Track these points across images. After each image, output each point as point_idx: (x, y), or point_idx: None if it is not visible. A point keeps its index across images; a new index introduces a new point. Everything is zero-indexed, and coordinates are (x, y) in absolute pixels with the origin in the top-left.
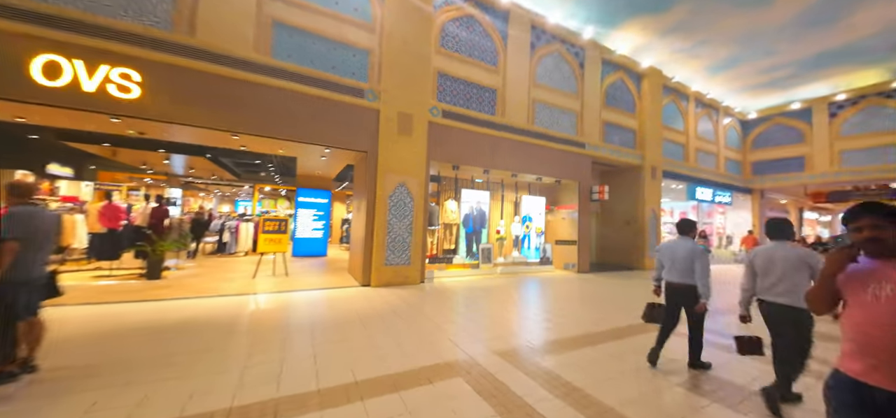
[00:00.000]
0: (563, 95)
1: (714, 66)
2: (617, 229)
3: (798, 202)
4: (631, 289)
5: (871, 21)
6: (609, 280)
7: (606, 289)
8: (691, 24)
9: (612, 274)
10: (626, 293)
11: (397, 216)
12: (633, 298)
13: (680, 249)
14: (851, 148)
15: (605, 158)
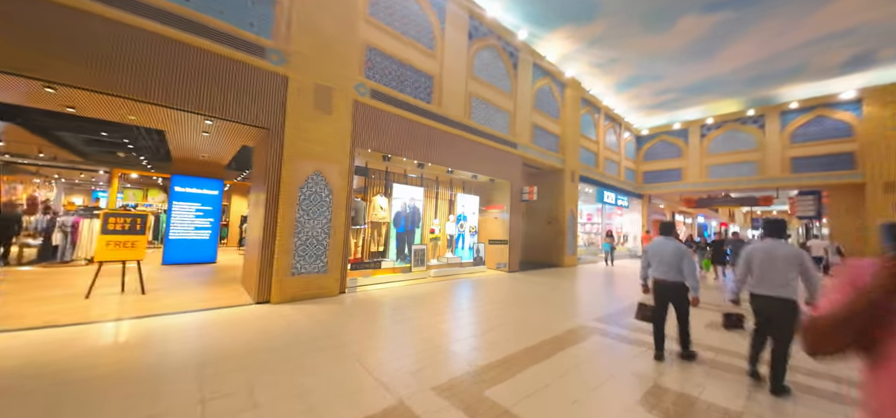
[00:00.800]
0: (498, 93)
1: (621, 84)
2: (540, 228)
3: (673, 206)
4: (559, 287)
5: (735, 57)
6: (538, 278)
7: (538, 289)
8: (607, 39)
9: (539, 272)
10: (556, 292)
11: (310, 213)
12: (565, 297)
13: (667, 249)
14: (716, 163)
15: (533, 160)
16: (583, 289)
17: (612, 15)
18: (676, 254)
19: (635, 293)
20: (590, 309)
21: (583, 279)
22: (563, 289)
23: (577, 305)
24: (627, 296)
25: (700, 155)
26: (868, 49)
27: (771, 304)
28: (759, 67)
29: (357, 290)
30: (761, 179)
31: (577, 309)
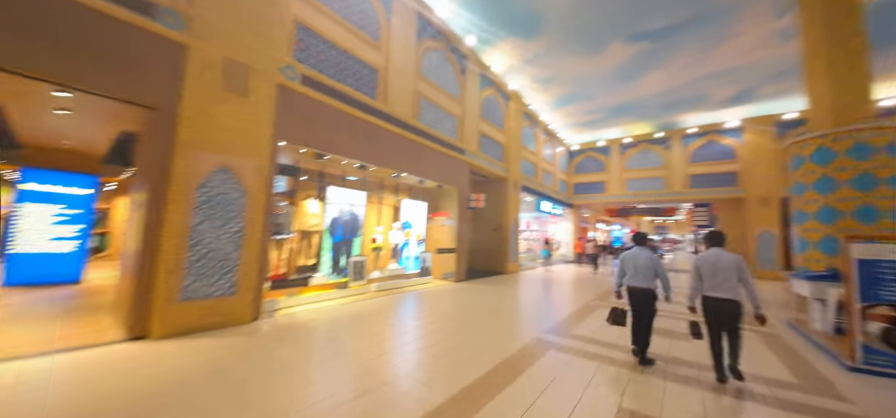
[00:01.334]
0: (447, 97)
1: (557, 101)
2: (485, 236)
3: (597, 216)
4: (507, 296)
5: (651, 84)
6: (485, 287)
7: (487, 300)
8: (547, 58)
9: (485, 280)
10: (504, 302)
11: (214, 218)
12: (513, 308)
13: (641, 258)
14: (633, 177)
15: (480, 168)
16: (528, 297)
17: (552, 33)
18: (650, 263)
19: (576, 298)
20: (539, 319)
21: (526, 286)
22: (510, 299)
23: (527, 316)
24: (570, 303)
25: (620, 170)
26: (750, 86)
27: (722, 305)
28: (669, 95)
29: (277, 314)
30: (667, 193)
31: (527, 320)
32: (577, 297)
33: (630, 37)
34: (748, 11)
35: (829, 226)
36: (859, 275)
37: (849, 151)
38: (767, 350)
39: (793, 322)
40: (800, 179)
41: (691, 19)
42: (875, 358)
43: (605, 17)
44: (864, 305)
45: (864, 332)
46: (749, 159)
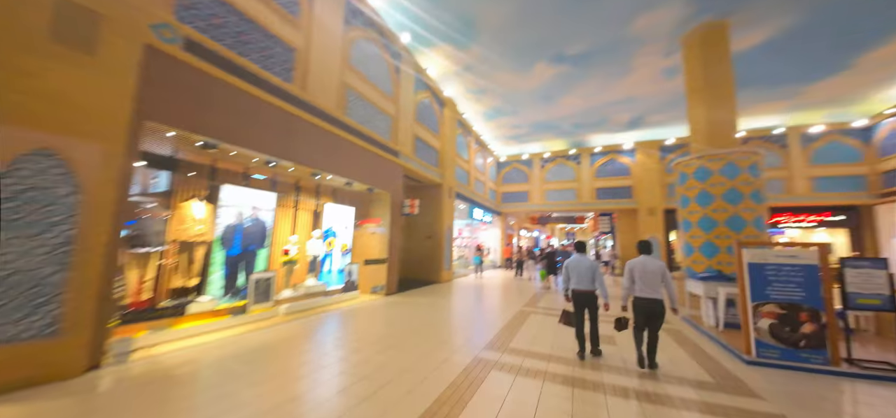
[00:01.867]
0: (379, 94)
1: (488, 113)
2: (419, 244)
3: (521, 224)
4: (442, 308)
5: (568, 105)
6: (418, 299)
7: (421, 315)
8: (479, 69)
9: (418, 291)
10: (440, 316)
11: (21, 226)
12: (450, 322)
13: (583, 264)
14: (551, 189)
15: (415, 172)
16: (463, 308)
17: (485, 45)
18: (590, 269)
19: (508, 306)
20: (477, 334)
21: (461, 295)
22: (445, 311)
23: (464, 331)
24: (504, 311)
25: (541, 181)
26: (641, 114)
27: (649, 304)
28: (581, 117)
29: (131, 358)
30: (578, 203)
31: (465, 337)
32: (510, 305)
33: (553, 58)
34: (644, 49)
35: (708, 234)
36: (750, 277)
37: (721, 170)
38: (676, 346)
39: (689, 317)
40: (685, 193)
41: (602, 49)
42: (766, 351)
43: (533, 37)
44: (755, 304)
45: (756, 328)
46: (640, 176)
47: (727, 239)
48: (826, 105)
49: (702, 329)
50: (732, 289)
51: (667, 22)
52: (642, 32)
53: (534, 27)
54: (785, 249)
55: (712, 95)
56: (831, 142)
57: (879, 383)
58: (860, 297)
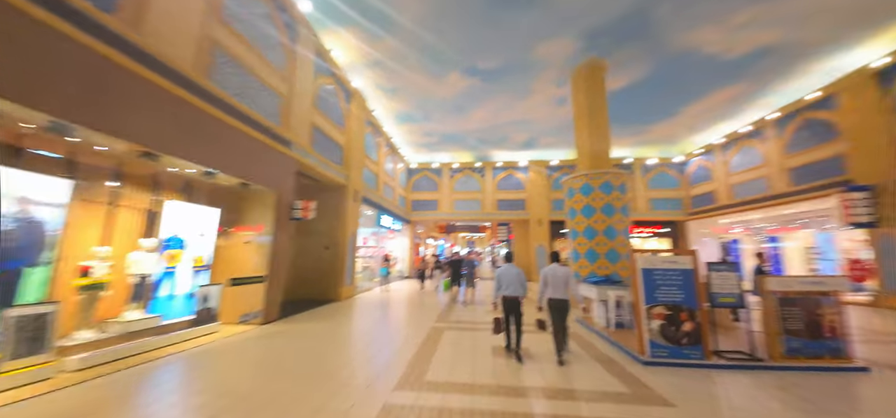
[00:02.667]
0: (265, 64)
1: (400, 116)
2: (313, 255)
3: (429, 232)
4: (340, 337)
5: (476, 120)
6: (309, 326)
7: (311, 349)
8: (394, 65)
9: (311, 314)
10: (337, 349)
11: None
12: (349, 357)
13: (512, 272)
14: (459, 199)
15: (312, 169)
16: (368, 331)
17: (401, 40)
18: (518, 277)
19: (419, 325)
20: (385, 367)
21: (365, 315)
22: (344, 339)
23: (369, 365)
24: (414, 333)
25: (449, 191)
26: (534, 136)
27: (559, 304)
28: (486, 133)
29: None
30: (482, 213)
31: (369, 373)
32: (420, 323)
33: (468, 70)
34: (542, 75)
35: (590, 241)
36: (643, 281)
37: (600, 187)
38: (581, 351)
39: (582, 319)
40: (573, 206)
41: (510, 68)
42: (657, 350)
43: (450, 43)
44: (648, 306)
45: (649, 329)
46: (531, 190)
47: (605, 246)
48: (658, 143)
49: (595, 329)
50: (621, 292)
51: (561, 54)
52: (542, 58)
53: (451, 33)
54: (668, 256)
55: (593, 123)
56: (661, 172)
57: (741, 372)
58: (721, 296)
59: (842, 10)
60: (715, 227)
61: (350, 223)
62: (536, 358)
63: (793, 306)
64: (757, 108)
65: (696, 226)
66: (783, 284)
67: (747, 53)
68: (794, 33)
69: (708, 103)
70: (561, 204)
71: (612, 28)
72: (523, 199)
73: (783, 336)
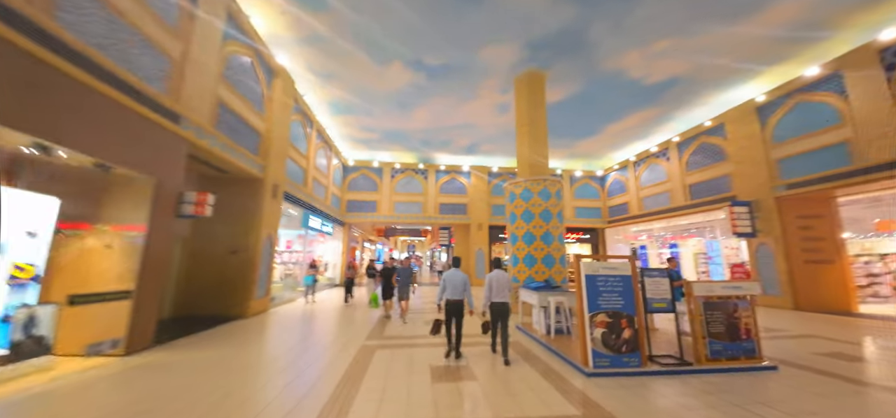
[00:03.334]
0: (147, 13)
1: (336, 105)
2: (215, 262)
3: (366, 235)
4: (235, 374)
5: (418, 119)
6: (195, 358)
7: (188, 396)
8: (330, 45)
9: (203, 338)
10: (225, 387)
11: None
12: (243, 392)
13: (456, 277)
14: (400, 201)
15: (215, 155)
16: (278, 360)
17: (340, 17)
18: (462, 281)
19: (345, 346)
20: (294, 412)
21: (278, 336)
22: (243, 373)
23: (270, 412)
24: (339, 356)
25: (390, 192)
26: (477, 141)
27: (502, 306)
28: (430, 134)
29: None
30: (424, 217)
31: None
32: (347, 341)
33: (412, 62)
34: (487, 81)
35: (529, 246)
36: (587, 288)
37: (539, 192)
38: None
39: (522, 326)
40: (513, 210)
41: (456, 67)
42: (600, 360)
43: (394, 29)
44: (591, 314)
45: (592, 338)
46: (473, 195)
47: (542, 251)
48: (584, 157)
49: (535, 337)
50: (560, 298)
51: (505, 60)
52: (488, 62)
53: (396, 19)
54: (609, 262)
55: (533, 131)
56: (585, 183)
57: (674, 377)
58: (655, 302)
59: (739, 49)
60: (627, 234)
61: (266, 223)
62: (479, 376)
63: (715, 310)
64: (664, 132)
65: (611, 233)
66: (707, 289)
67: (661, 81)
68: (700, 66)
69: (626, 124)
70: (500, 209)
71: (552, 41)
72: (465, 204)
73: (707, 339)
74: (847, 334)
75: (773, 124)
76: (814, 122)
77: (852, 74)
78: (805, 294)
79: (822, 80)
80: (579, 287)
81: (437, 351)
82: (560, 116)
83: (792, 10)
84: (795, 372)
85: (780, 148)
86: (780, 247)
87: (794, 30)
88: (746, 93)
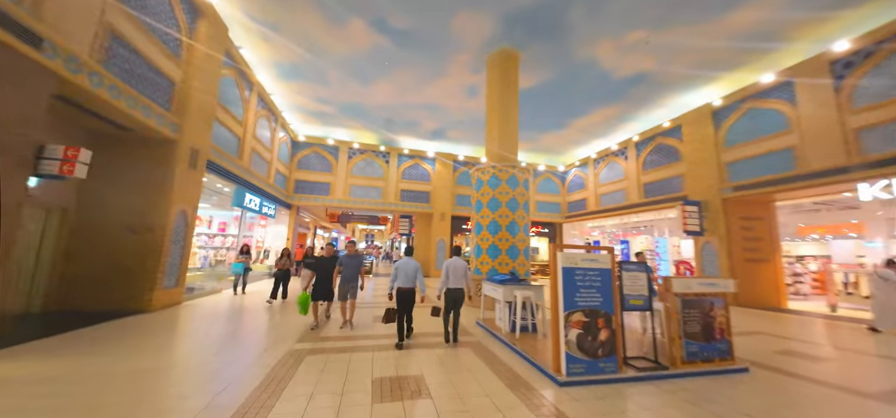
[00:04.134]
0: None
1: (283, 68)
2: (107, 241)
3: (318, 221)
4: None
5: (380, 93)
6: (46, 371)
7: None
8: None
9: (70, 341)
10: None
11: None
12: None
13: (409, 265)
14: (357, 184)
15: (103, 101)
16: (174, 370)
17: None
18: (415, 270)
19: (273, 348)
20: None
21: (177, 341)
22: (118, 391)
23: None
24: (258, 363)
25: (346, 174)
26: (444, 126)
27: (456, 293)
28: (394, 112)
29: None
30: (383, 203)
31: None
32: (270, 347)
33: (375, 22)
34: (458, 57)
35: (494, 237)
36: (564, 283)
37: (508, 180)
38: (482, 362)
39: (483, 322)
40: (479, 198)
41: (423, 35)
42: (574, 366)
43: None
44: (567, 312)
45: (567, 340)
46: (437, 183)
47: (507, 242)
48: (547, 151)
49: (499, 336)
50: (528, 293)
51: (478, 35)
52: (459, 34)
53: None
54: (589, 254)
55: (503, 114)
56: (547, 177)
57: (650, 383)
58: (631, 298)
59: (703, 52)
60: (582, 230)
61: (181, 196)
62: (433, 388)
63: (692, 308)
64: (625, 131)
65: (568, 227)
66: (684, 286)
67: (629, 76)
68: (666, 65)
69: (591, 119)
70: (465, 200)
71: (528, 16)
72: (428, 192)
73: (683, 339)
74: (790, 330)
75: (726, 128)
76: (763, 128)
77: (803, 83)
78: (744, 290)
79: (774, 87)
80: (554, 281)
81: (382, 356)
82: (529, 106)
83: (753, 18)
84: (766, 375)
85: (731, 151)
86: (723, 245)
87: (752, 40)
88: (704, 97)
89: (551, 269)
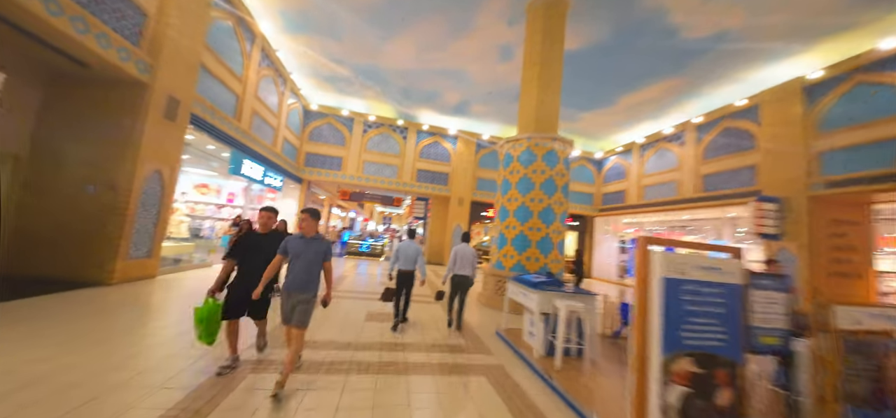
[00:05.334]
0: None
1: (290, 18)
2: (62, 198)
3: (331, 200)
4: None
5: (398, 55)
6: None
7: None
8: None
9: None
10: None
11: None
12: None
13: (410, 249)
14: (371, 160)
15: (48, 26)
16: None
17: None
18: (416, 253)
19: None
20: None
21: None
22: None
23: None
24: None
25: (360, 149)
26: (468, 99)
27: (462, 279)
28: (412, 79)
29: None
30: (398, 182)
31: None
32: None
33: None
34: (490, 5)
35: (522, 225)
36: (665, 303)
37: (544, 156)
38: (505, 409)
39: (503, 333)
40: (507, 176)
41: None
42: None
43: None
44: (667, 356)
45: (664, 406)
46: (457, 164)
47: (539, 232)
48: (585, 135)
49: (530, 361)
50: (575, 305)
51: None
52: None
53: None
54: (709, 258)
55: (545, 74)
56: (581, 165)
57: None
58: (762, 334)
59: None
60: (616, 225)
61: (153, 152)
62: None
63: (856, 354)
64: (683, 111)
65: (601, 222)
66: (853, 319)
67: (705, 36)
68: (757, 18)
69: (645, 95)
70: (486, 184)
71: None
72: (447, 173)
73: (844, 404)
74: None
75: (822, 109)
76: (875, 109)
77: None
78: None
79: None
80: (643, 300)
81: (354, 396)
82: (570, 76)
83: None
84: None
85: (826, 138)
86: (804, 254)
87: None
88: (792, 70)
89: (639, 280)
